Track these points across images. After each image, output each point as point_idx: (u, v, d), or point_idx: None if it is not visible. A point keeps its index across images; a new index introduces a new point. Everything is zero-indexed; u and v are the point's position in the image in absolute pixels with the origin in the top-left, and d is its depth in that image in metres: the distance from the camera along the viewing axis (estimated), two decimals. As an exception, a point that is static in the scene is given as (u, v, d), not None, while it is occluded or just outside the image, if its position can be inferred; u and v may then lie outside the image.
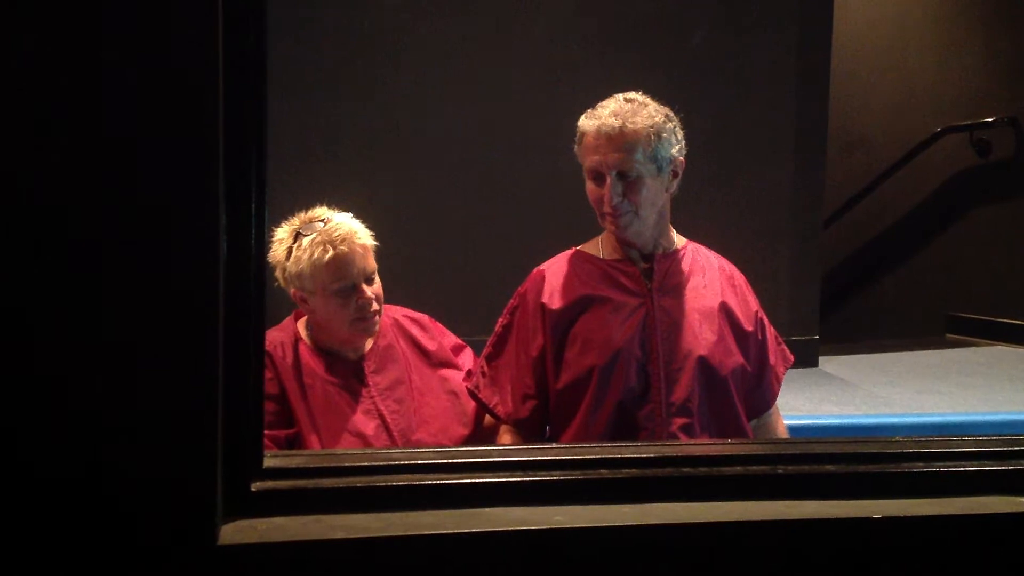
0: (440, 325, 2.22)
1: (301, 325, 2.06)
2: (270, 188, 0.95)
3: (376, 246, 2.03)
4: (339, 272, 1.94)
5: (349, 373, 2.02)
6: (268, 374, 1.95)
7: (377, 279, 2.02)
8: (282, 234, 2.02)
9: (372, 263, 2.00)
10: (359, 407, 1.99)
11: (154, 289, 0.85)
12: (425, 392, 2.07)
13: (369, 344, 2.07)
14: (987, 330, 5.04)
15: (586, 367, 1.87)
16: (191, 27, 0.84)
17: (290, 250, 1.98)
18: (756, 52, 4.15)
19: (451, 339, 2.20)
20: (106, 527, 0.85)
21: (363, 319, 1.97)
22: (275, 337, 2.01)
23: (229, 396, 0.89)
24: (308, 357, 2.00)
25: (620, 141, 1.84)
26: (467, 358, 2.19)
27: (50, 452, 0.85)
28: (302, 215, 2.03)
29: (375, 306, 1.98)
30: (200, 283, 0.86)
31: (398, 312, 2.14)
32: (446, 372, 2.13)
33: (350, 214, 2.05)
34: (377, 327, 2.04)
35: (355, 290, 1.96)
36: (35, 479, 0.85)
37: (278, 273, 2.01)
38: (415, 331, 2.15)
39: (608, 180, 1.85)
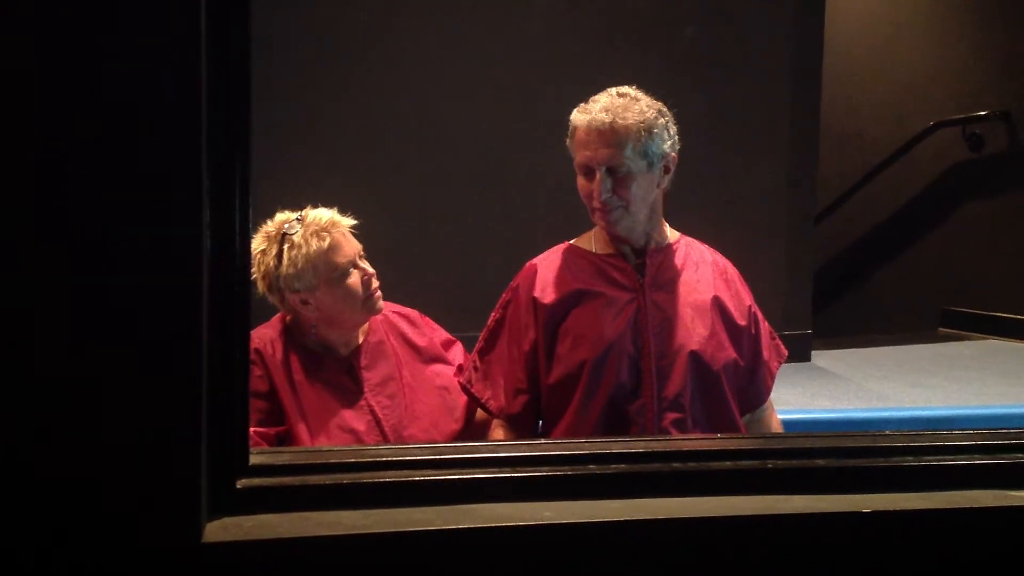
0: (430, 320, 2.21)
1: (290, 323, 2.05)
2: (257, 184, 0.95)
3: (354, 226, 2.04)
4: (338, 255, 1.96)
5: (340, 370, 2.02)
6: (258, 371, 1.94)
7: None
8: (261, 245, 1.99)
9: (357, 242, 2.03)
10: (350, 403, 1.99)
11: (137, 286, 0.84)
12: (416, 388, 2.07)
13: (360, 339, 2.06)
14: (980, 324, 5.05)
15: (577, 362, 1.87)
16: (176, 27, 0.83)
17: (280, 254, 1.95)
18: (749, 47, 4.15)
19: (441, 334, 2.20)
20: (90, 525, 0.85)
21: (370, 296, 2.00)
22: (264, 334, 2.00)
23: (214, 393, 0.89)
24: (298, 354, 2.00)
25: (610, 137, 1.83)
26: (457, 353, 2.18)
27: (34, 452, 0.84)
28: (268, 225, 2.01)
29: (375, 281, 2.01)
30: (184, 279, 0.85)
31: (388, 308, 2.13)
32: (437, 367, 2.12)
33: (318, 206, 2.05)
34: (381, 304, 2.04)
35: (356, 268, 1.98)
36: (19, 479, 0.84)
37: (268, 285, 1.98)
38: (405, 327, 2.14)
39: (598, 175, 1.84)
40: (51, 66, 0.82)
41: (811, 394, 3.46)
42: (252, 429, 1.88)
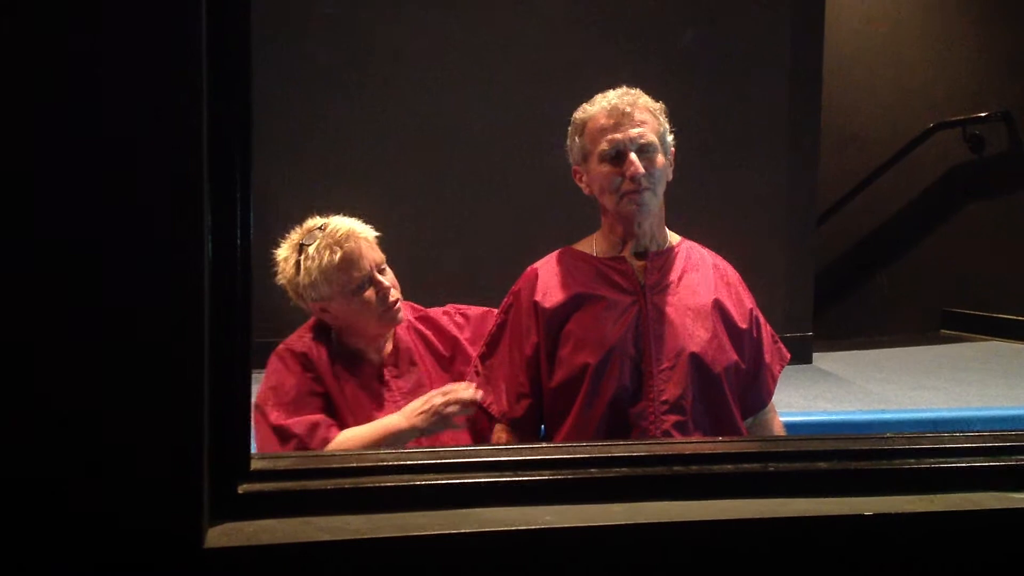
0: (456, 314, 2.18)
1: (321, 327, 2.07)
2: (263, 189, 0.95)
3: (379, 237, 2.04)
4: (352, 269, 1.96)
5: (372, 377, 2.03)
6: (310, 373, 1.96)
7: (388, 270, 2.03)
8: (285, 253, 2.02)
9: (380, 254, 2.02)
10: (385, 410, 1.99)
11: (139, 290, 0.84)
12: None
13: (389, 348, 2.07)
14: (981, 325, 5.05)
15: (579, 365, 1.87)
16: (175, 29, 0.84)
17: (298, 264, 1.98)
18: (749, 49, 4.15)
19: (470, 328, 2.15)
20: (92, 530, 0.85)
21: (388, 309, 1.99)
22: (305, 339, 2.01)
23: (215, 398, 0.89)
24: (336, 357, 2.01)
25: (638, 116, 1.88)
26: None
27: (37, 455, 0.84)
28: (297, 230, 2.03)
29: (395, 294, 2.00)
30: (186, 283, 0.85)
31: (412, 314, 2.14)
32: (460, 371, 2.12)
33: (342, 214, 2.05)
34: (402, 314, 2.04)
35: (372, 282, 1.97)
36: (21, 481, 0.84)
37: (292, 292, 2.02)
38: (431, 335, 2.14)
39: (631, 155, 1.86)
40: (52, 67, 0.82)
41: (812, 396, 3.46)
42: (327, 422, 1.91)
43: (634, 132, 1.87)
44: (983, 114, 5.15)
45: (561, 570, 0.94)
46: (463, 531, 0.92)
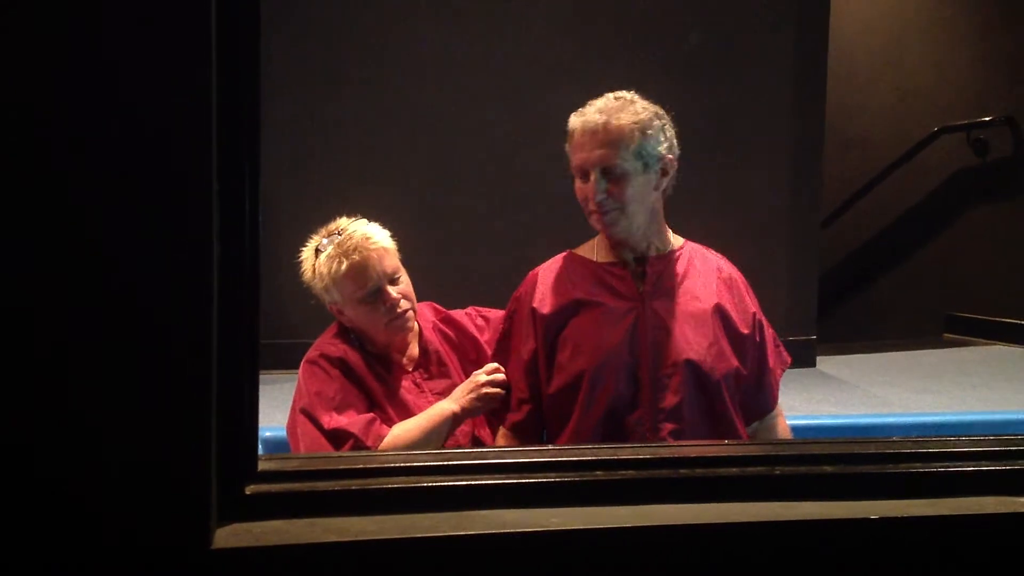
0: (480, 318, 2.19)
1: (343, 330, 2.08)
2: (269, 190, 0.95)
3: (395, 245, 2.05)
4: (358, 280, 1.96)
5: (404, 379, 2.05)
6: (349, 378, 1.97)
7: (403, 278, 2.03)
8: (307, 253, 2.04)
9: (391, 264, 2.01)
10: (421, 411, 2.00)
11: (147, 292, 0.84)
12: None
13: (416, 351, 2.08)
14: (985, 329, 5.04)
15: (576, 371, 1.85)
16: (182, 27, 0.84)
17: (314, 268, 2.01)
18: (753, 52, 4.15)
19: (491, 331, 2.16)
20: (100, 530, 0.85)
21: (395, 319, 1.99)
22: (339, 345, 2.02)
23: (223, 399, 0.89)
24: (368, 360, 2.03)
25: (603, 137, 1.82)
26: None
27: (44, 454, 0.84)
28: (320, 231, 2.05)
29: (403, 305, 2.00)
30: (192, 284, 0.86)
31: (436, 316, 2.15)
32: None
33: (365, 220, 2.06)
34: (412, 324, 2.05)
35: (379, 293, 1.97)
36: (28, 481, 0.84)
37: (314, 291, 2.04)
38: (455, 337, 2.15)
39: (592, 176, 1.83)
40: (52, 67, 0.82)
41: (816, 400, 3.46)
42: (378, 418, 1.93)
43: (597, 154, 1.82)
44: (987, 118, 5.15)
45: (567, 572, 0.94)
46: (469, 533, 0.92)
